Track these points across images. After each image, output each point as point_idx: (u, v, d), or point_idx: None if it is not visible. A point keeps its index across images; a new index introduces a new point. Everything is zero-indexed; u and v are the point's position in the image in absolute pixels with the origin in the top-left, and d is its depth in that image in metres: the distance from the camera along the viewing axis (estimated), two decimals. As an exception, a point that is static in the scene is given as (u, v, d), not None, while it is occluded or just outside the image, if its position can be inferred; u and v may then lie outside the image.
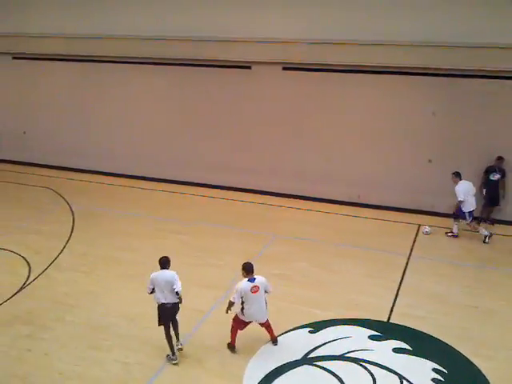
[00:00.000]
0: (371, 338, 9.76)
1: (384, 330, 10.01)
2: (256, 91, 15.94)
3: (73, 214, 15.48)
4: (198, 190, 17.23)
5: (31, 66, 18.51)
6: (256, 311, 9.26)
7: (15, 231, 14.50)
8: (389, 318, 10.51)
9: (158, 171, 17.80)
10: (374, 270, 12.41)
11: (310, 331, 10.00)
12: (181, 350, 9.34)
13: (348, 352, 9.33)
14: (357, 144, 15.45)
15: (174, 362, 9.23)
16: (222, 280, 11.91)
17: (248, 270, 9.21)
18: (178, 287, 8.96)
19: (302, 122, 15.75)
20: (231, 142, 16.67)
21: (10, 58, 18.66)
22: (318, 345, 9.55)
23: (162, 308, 9.13)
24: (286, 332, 10.03)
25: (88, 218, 15.30)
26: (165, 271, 9.19)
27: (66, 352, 9.67)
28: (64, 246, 13.61)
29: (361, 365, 9.00)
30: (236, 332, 9.59)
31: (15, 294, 11.55)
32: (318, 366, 9.02)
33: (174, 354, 9.27)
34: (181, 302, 9.20)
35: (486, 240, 13.61)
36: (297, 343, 9.68)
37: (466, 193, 13.40)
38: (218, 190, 17.07)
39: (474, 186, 13.70)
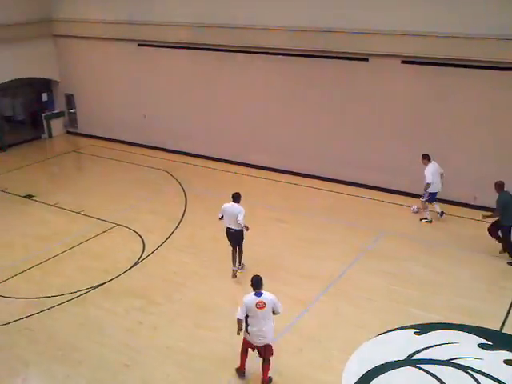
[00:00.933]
0: (481, 346, 9.31)
1: (496, 339, 9.52)
2: (373, 84, 15.56)
3: (185, 197, 16.04)
4: (304, 180, 17.13)
5: (154, 53, 19.34)
6: (261, 331, 8.29)
7: (132, 209, 15.31)
8: (502, 327, 9.97)
9: (265, 159, 17.94)
10: (488, 276, 11.79)
11: (415, 332, 9.72)
12: (236, 271, 11.71)
13: (455, 358, 8.97)
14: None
15: (233, 269, 11.70)
16: (326, 272, 11.88)
17: (254, 283, 8.35)
18: (240, 219, 11.12)
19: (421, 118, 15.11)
20: (352, 135, 16.33)
21: (136, 44, 19.61)
22: (423, 347, 9.26)
23: (227, 231, 11.62)
24: (390, 331, 9.83)
25: (199, 201, 15.81)
26: (234, 205, 11.37)
27: (174, 328, 10.12)
28: (176, 227, 14.19)
29: (468, 373, 8.63)
30: (244, 355, 8.70)
31: (130, 268, 12.24)
32: (421, 369, 8.76)
33: (234, 265, 11.75)
34: (247, 229, 11.29)
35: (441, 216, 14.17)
36: (401, 343, 9.46)
37: (435, 174, 13.77)
38: (328, 183, 16.87)
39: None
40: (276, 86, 17.27)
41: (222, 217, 11.57)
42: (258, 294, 8.28)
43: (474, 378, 8.54)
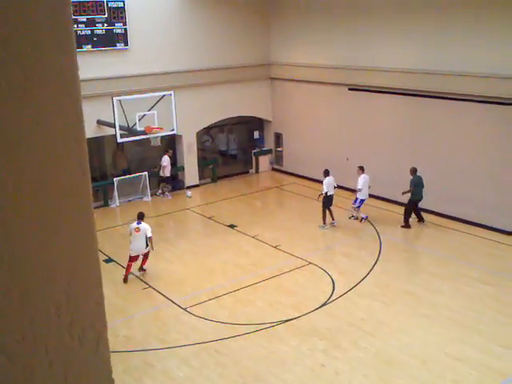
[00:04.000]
0: None
1: None
2: None
3: (380, 243, 15.75)
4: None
5: (363, 97, 19.57)
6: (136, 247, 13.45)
7: (327, 250, 15.45)
8: None
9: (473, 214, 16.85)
10: None
11: None
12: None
13: None
14: None
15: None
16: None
17: (138, 217, 13.73)
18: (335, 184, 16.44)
19: None
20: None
21: (346, 88, 20.06)
22: None
23: (325, 197, 15.92)
24: None
25: (395, 249, 15.37)
26: (330, 178, 16.32)
27: (356, 377, 9.87)
28: (368, 273, 13.95)
29: None
30: (129, 267, 13.57)
31: (319, 307, 12.29)
32: None
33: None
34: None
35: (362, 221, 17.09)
36: None
37: (366, 184, 16.87)
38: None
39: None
40: (480, 136, 16.29)
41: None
42: (138, 223, 13.56)
43: None
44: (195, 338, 11.08)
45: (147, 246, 13.56)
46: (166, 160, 19.79)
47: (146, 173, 19.86)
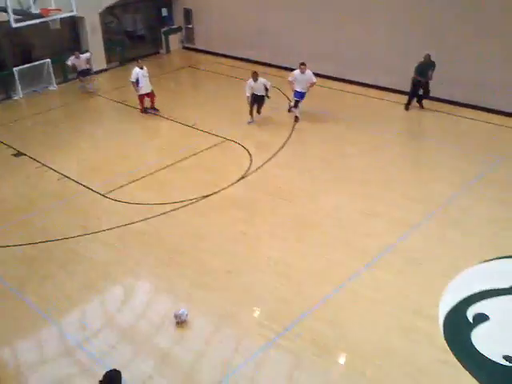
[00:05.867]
0: None
1: None
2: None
3: (296, 116, 15.83)
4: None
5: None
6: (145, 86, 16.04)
7: (243, 126, 15.48)
8: None
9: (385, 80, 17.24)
10: None
11: (525, 262, 9.26)
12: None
13: None
14: None
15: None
16: (434, 196, 11.49)
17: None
18: (269, 86, 15.10)
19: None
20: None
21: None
22: (531, 278, 8.83)
23: (253, 96, 15.01)
24: (496, 258, 9.42)
25: (309, 119, 15.64)
26: (258, 82, 14.84)
27: (276, 240, 10.38)
28: (283, 144, 14.22)
29: None
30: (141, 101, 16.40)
31: (237, 181, 12.55)
32: (527, 299, 8.40)
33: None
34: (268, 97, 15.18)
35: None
36: (506, 272, 9.08)
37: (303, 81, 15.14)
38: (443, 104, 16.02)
39: None
40: None
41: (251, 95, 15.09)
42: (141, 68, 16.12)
43: None
44: (118, 222, 11.14)
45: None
46: (71, 60, 18.56)
47: (48, 60, 18.73)
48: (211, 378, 7.51)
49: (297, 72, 15.17)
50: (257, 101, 15.42)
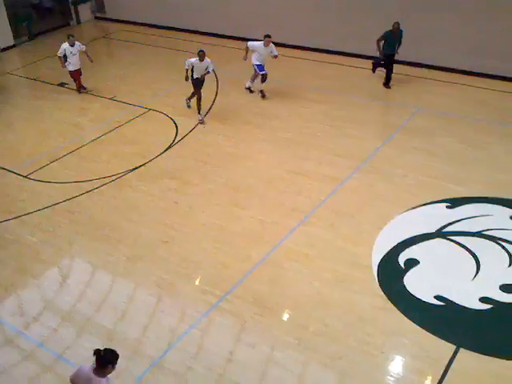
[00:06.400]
0: (513, 218, 9.31)
1: (530, 211, 9.47)
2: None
3: (217, 81, 15.73)
4: (340, 59, 16.62)
5: None
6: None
7: (165, 94, 15.20)
8: (536, 200, 9.88)
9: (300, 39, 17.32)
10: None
11: (447, 206, 9.73)
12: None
13: (486, 230, 9.01)
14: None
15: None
16: (359, 150, 11.81)
17: None
18: (210, 70, 13.27)
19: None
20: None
21: None
22: (454, 220, 9.31)
23: (196, 80, 13.23)
24: (422, 205, 9.86)
25: (231, 84, 15.54)
26: (203, 62, 12.96)
27: (209, 207, 10.39)
28: (209, 109, 14.10)
29: (498, 243, 8.69)
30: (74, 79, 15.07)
31: (164, 151, 12.38)
32: (451, 241, 8.86)
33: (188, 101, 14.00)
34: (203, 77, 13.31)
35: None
36: (432, 217, 9.52)
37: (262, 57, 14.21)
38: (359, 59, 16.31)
39: None
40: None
41: (192, 70, 13.17)
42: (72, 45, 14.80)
43: (503, 247, 8.61)
44: (44, 203, 10.76)
45: None
46: None
47: None
48: (157, 347, 7.52)
49: (259, 44, 14.07)
50: (199, 86, 13.42)
